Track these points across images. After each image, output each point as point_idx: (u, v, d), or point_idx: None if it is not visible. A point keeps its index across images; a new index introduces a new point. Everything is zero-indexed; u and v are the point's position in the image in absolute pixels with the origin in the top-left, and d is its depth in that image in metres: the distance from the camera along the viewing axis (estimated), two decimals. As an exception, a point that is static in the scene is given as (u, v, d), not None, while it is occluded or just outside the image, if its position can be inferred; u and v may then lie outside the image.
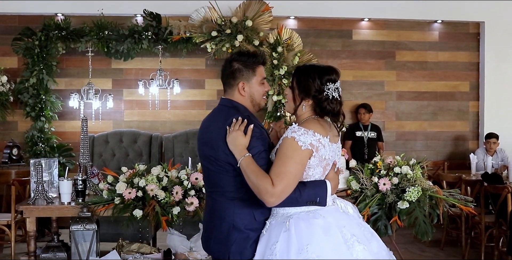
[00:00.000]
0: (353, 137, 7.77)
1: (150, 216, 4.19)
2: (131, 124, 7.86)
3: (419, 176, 4.49)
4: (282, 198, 2.39)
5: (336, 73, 2.58)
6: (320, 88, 2.52)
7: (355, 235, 2.39)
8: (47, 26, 7.24)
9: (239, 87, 2.70)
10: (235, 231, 2.56)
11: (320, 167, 2.48)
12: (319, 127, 2.49)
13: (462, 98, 8.51)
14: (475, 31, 8.47)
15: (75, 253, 4.14)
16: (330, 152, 2.50)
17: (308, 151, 2.42)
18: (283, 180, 2.37)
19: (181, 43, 7.32)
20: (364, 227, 2.54)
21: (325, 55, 8.17)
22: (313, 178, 2.50)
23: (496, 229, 5.71)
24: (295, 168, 2.40)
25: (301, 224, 2.42)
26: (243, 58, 2.71)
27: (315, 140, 2.44)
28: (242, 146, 2.48)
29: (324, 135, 2.47)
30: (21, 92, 7.30)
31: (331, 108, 2.52)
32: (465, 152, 8.32)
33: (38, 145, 7.25)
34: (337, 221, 2.44)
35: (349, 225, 2.44)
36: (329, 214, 2.46)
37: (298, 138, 2.42)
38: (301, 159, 2.42)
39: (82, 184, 4.41)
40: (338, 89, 2.56)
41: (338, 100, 2.55)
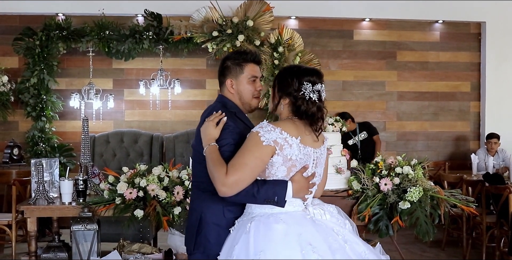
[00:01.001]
0: (346, 147, 7.59)
1: (151, 216, 4.19)
2: (132, 125, 7.86)
3: (420, 176, 4.48)
4: (234, 189, 2.38)
5: (318, 76, 2.55)
6: (297, 88, 2.50)
7: (310, 244, 2.32)
8: (48, 26, 7.25)
9: (227, 84, 2.75)
10: (202, 224, 2.60)
11: (284, 166, 2.45)
12: (290, 126, 2.47)
13: (463, 99, 8.50)
14: (476, 31, 8.47)
15: (76, 253, 4.13)
16: (300, 154, 2.46)
17: (270, 148, 2.40)
18: (238, 171, 2.37)
19: (182, 43, 7.32)
20: (337, 236, 2.45)
21: (326, 55, 8.17)
22: (275, 177, 2.46)
23: (497, 230, 5.70)
24: (253, 161, 2.38)
25: (261, 227, 2.40)
26: (234, 56, 2.77)
27: (280, 138, 2.41)
28: (211, 135, 2.54)
29: (294, 135, 2.44)
30: (22, 92, 7.30)
31: (305, 109, 2.48)
32: (466, 152, 8.32)
33: (39, 145, 7.25)
34: (296, 228, 2.39)
35: (307, 232, 2.38)
36: (291, 220, 2.43)
37: (262, 133, 2.41)
38: (260, 153, 2.39)
39: (83, 184, 4.41)
40: (318, 92, 2.51)
41: (316, 102, 2.50)
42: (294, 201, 2.51)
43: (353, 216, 4.46)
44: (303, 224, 2.42)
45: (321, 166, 2.62)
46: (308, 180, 2.51)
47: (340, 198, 4.52)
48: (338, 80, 8.26)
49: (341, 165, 4.62)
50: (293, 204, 2.50)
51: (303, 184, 2.49)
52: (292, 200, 2.49)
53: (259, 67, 2.80)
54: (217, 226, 2.56)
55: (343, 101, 8.24)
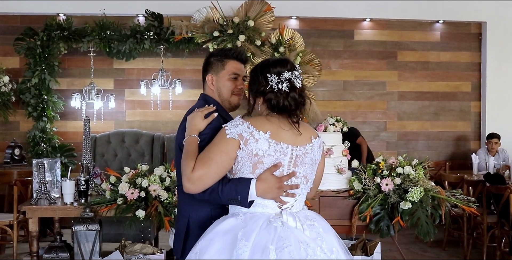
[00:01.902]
0: None
1: (153, 217, 4.19)
2: (133, 125, 7.86)
3: (421, 176, 4.49)
4: (198, 185, 2.28)
5: (281, 65, 2.38)
6: (264, 83, 2.37)
7: (243, 239, 2.19)
8: (49, 26, 7.25)
9: (208, 80, 2.68)
10: (190, 229, 2.51)
11: (249, 162, 2.30)
12: (261, 121, 2.35)
13: (463, 99, 8.51)
14: (477, 31, 8.47)
15: (77, 253, 4.14)
16: (268, 150, 2.30)
17: (234, 141, 2.29)
18: (203, 166, 2.27)
19: (183, 43, 7.32)
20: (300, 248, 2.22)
21: (327, 55, 8.18)
22: (241, 173, 2.33)
23: (498, 230, 5.70)
24: (218, 155, 2.28)
25: (217, 221, 2.36)
26: (217, 52, 2.71)
27: (246, 132, 2.30)
28: (196, 126, 2.45)
29: (263, 130, 2.31)
30: (23, 93, 7.30)
31: (276, 102, 2.35)
32: (466, 152, 8.32)
33: (40, 145, 7.25)
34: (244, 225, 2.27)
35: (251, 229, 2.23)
36: (249, 218, 2.29)
37: (228, 127, 2.32)
38: (226, 147, 2.29)
39: (85, 184, 4.42)
40: (289, 80, 2.36)
41: (287, 92, 2.35)
42: (266, 203, 2.34)
43: (354, 216, 4.47)
44: (255, 223, 2.26)
45: (308, 166, 2.41)
46: (280, 180, 2.32)
47: (341, 198, 4.53)
48: (339, 80, 8.27)
49: (342, 165, 4.62)
50: (264, 206, 2.35)
51: (271, 183, 2.30)
52: (263, 201, 2.34)
53: (243, 66, 2.71)
54: (201, 230, 2.41)
55: (344, 101, 8.24)
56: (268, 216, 2.31)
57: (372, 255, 4.43)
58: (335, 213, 4.55)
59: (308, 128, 2.48)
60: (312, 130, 2.50)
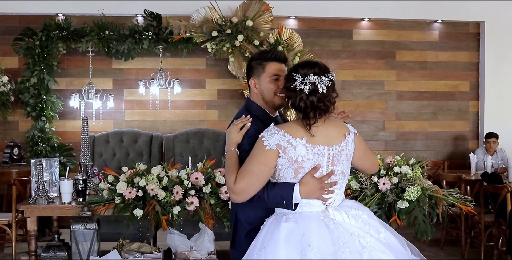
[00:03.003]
0: None
1: (151, 216, 4.20)
2: (132, 124, 7.87)
3: (418, 175, 4.50)
4: (243, 195, 2.41)
5: (310, 67, 2.47)
6: (291, 81, 2.45)
7: (310, 245, 2.28)
8: (48, 26, 7.26)
9: (251, 84, 2.76)
10: (238, 224, 2.68)
11: (291, 168, 2.41)
12: (295, 127, 2.44)
13: (462, 98, 8.52)
14: (475, 31, 8.48)
15: (75, 252, 4.16)
16: (307, 155, 2.41)
17: (273, 151, 2.39)
18: (244, 178, 2.39)
19: (182, 43, 7.33)
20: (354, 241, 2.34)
21: (325, 55, 8.19)
22: (284, 179, 2.44)
23: (495, 229, 5.72)
24: (257, 167, 2.39)
25: (272, 225, 2.43)
26: (256, 56, 2.78)
27: (283, 140, 2.39)
28: (233, 140, 2.56)
29: (298, 136, 2.40)
30: (22, 92, 7.32)
31: (293, 102, 2.45)
32: (465, 151, 8.33)
33: (39, 145, 7.26)
34: (301, 228, 2.36)
35: (311, 233, 2.33)
36: (301, 220, 2.41)
37: (266, 137, 2.41)
38: (264, 158, 2.39)
39: (83, 184, 4.43)
40: (312, 83, 2.42)
41: (306, 94, 2.41)
42: (312, 202, 2.46)
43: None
44: (311, 225, 2.38)
45: (344, 162, 2.51)
46: (321, 180, 2.43)
47: (339, 198, 4.55)
48: (337, 80, 8.11)
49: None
50: (310, 205, 2.46)
51: (313, 185, 2.41)
52: (309, 201, 2.45)
53: (283, 66, 2.76)
54: (249, 225, 2.60)
55: (343, 101, 8.24)
56: (316, 214, 2.44)
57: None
58: (333, 212, 4.58)
59: (340, 125, 2.55)
60: (344, 126, 2.56)
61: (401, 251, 2.45)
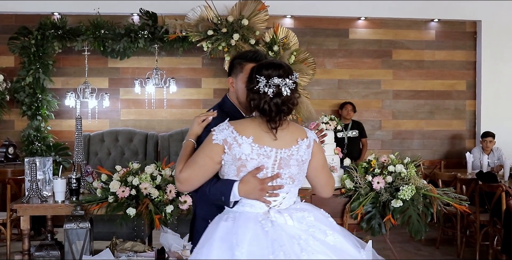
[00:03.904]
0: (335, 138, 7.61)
1: (144, 215, 4.20)
2: (128, 123, 7.86)
3: (413, 174, 4.50)
4: (186, 185, 2.44)
5: (274, 69, 2.41)
6: (254, 82, 2.42)
7: (238, 245, 2.24)
8: (44, 25, 7.25)
9: (229, 82, 2.78)
10: (196, 220, 2.73)
11: (234, 166, 2.40)
12: (246, 125, 2.43)
13: (458, 97, 8.51)
14: (472, 30, 8.47)
15: (68, 251, 4.15)
16: (252, 154, 2.37)
17: (219, 146, 2.38)
18: (189, 169, 2.41)
19: (177, 42, 7.32)
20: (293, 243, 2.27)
21: (322, 54, 8.18)
22: (227, 176, 2.44)
23: (491, 228, 5.71)
24: (202, 159, 2.40)
25: (213, 224, 2.43)
26: (238, 55, 2.79)
27: (230, 137, 2.38)
28: (193, 131, 2.61)
29: (245, 134, 2.38)
30: (17, 91, 7.30)
31: (256, 104, 2.41)
32: (462, 150, 8.32)
33: (34, 144, 7.25)
34: (235, 228, 2.34)
35: (243, 233, 2.29)
36: (239, 220, 2.38)
37: (216, 132, 2.41)
38: (210, 152, 2.39)
39: (76, 183, 4.43)
40: (276, 86, 2.38)
41: (270, 97, 2.38)
42: (254, 203, 2.43)
43: (345, 214, 4.48)
44: (246, 225, 2.34)
45: (294, 167, 2.45)
46: (263, 182, 2.39)
47: (333, 197, 4.52)
48: (334, 79, 8.27)
49: (334, 163, 4.64)
50: (252, 205, 2.44)
51: (253, 185, 2.38)
52: (251, 201, 2.43)
53: None
54: (205, 221, 2.58)
55: (339, 100, 8.24)
56: (256, 215, 2.40)
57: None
58: (326, 211, 4.48)
59: (296, 130, 2.51)
60: (301, 131, 2.52)
61: (351, 254, 2.39)
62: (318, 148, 2.55)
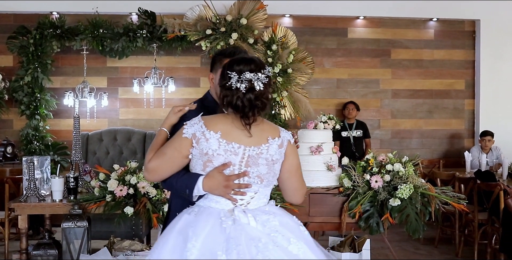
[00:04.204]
0: (339, 138, 7.69)
1: (141, 213, 4.21)
2: (126, 123, 7.86)
3: (411, 173, 4.50)
4: (153, 175, 2.43)
5: (246, 64, 2.37)
6: (227, 78, 2.38)
7: (193, 238, 2.23)
8: (42, 25, 7.25)
9: (209, 78, 2.78)
10: (169, 213, 2.71)
11: (200, 160, 2.36)
12: (216, 121, 2.39)
13: (457, 97, 8.51)
14: (470, 29, 8.47)
15: (66, 250, 4.15)
16: (218, 150, 2.33)
17: (188, 140, 2.35)
18: (157, 159, 2.39)
19: (176, 42, 7.33)
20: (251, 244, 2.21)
21: (320, 53, 8.18)
22: (195, 170, 2.41)
23: (489, 227, 5.70)
24: (171, 151, 2.38)
25: (178, 217, 2.42)
26: (218, 51, 2.83)
27: (199, 131, 2.35)
28: (168, 120, 2.57)
29: (213, 130, 2.34)
30: (16, 91, 7.30)
31: (229, 101, 2.36)
32: (460, 150, 8.32)
33: (33, 143, 7.25)
34: (195, 222, 2.32)
35: (200, 228, 2.26)
36: (201, 214, 2.35)
37: (187, 125, 2.38)
38: (179, 145, 2.37)
39: (74, 182, 4.43)
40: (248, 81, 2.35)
41: (242, 92, 2.34)
42: (220, 199, 2.38)
43: (343, 213, 4.48)
44: (206, 220, 2.31)
45: (262, 166, 2.39)
46: (228, 178, 2.34)
47: (331, 195, 4.54)
48: (333, 78, 8.27)
49: (332, 162, 4.64)
50: (218, 202, 2.39)
51: (217, 181, 2.34)
52: (217, 198, 2.38)
53: None
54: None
55: (338, 99, 8.24)
56: (219, 212, 2.35)
57: (361, 251, 4.43)
58: (324, 210, 4.57)
59: (268, 128, 2.46)
60: (274, 130, 2.47)
61: None
62: (292, 150, 2.49)
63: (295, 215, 2.56)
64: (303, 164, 4.55)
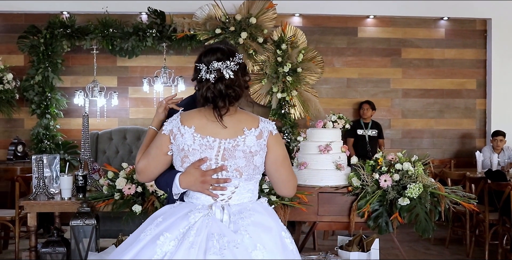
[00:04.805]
0: (355, 135, 7.72)
1: (149, 212, 4.20)
2: (136, 122, 7.88)
3: (420, 172, 4.46)
4: (142, 176, 2.41)
5: (212, 53, 2.32)
6: (197, 71, 2.36)
7: (159, 223, 2.25)
8: (52, 24, 7.29)
9: None
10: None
11: (178, 156, 2.33)
12: (191, 115, 2.34)
13: (468, 96, 8.44)
14: (482, 28, 8.41)
15: (74, 248, 4.16)
16: (193, 145, 2.29)
17: (166, 137, 2.33)
18: (144, 159, 2.37)
19: (185, 41, 7.35)
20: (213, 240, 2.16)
21: (330, 52, 8.15)
22: (175, 167, 2.38)
23: (500, 227, 5.66)
24: (153, 150, 2.36)
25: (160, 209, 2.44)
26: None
27: (176, 127, 2.31)
28: (156, 118, 2.54)
29: (187, 124, 2.30)
30: (26, 90, 7.35)
31: (201, 93, 2.32)
32: (472, 150, 8.25)
33: (43, 142, 7.29)
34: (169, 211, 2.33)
35: (168, 218, 2.27)
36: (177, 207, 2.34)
37: (167, 122, 2.36)
38: (159, 142, 2.35)
39: (83, 180, 4.44)
40: (217, 71, 2.29)
41: (212, 83, 2.28)
42: (199, 195, 2.35)
43: (352, 213, 4.46)
44: (178, 211, 2.30)
45: (240, 159, 2.31)
46: (204, 173, 2.29)
47: (340, 195, 4.52)
48: (343, 77, 8.24)
49: (341, 161, 4.61)
50: (197, 197, 2.36)
51: (194, 176, 2.29)
52: (196, 194, 2.35)
53: None
54: None
55: (348, 98, 8.21)
56: (194, 206, 2.32)
57: (369, 251, 4.40)
58: (333, 209, 4.55)
59: (245, 119, 2.37)
60: (252, 120, 2.37)
61: None
62: (275, 140, 2.38)
63: (303, 214, 2.51)
64: (312, 162, 4.57)
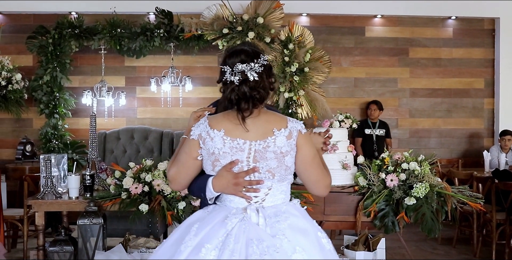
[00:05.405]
0: (363, 134, 7.73)
1: (156, 211, 4.23)
2: (144, 122, 7.91)
3: (427, 172, 4.46)
4: (174, 183, 2.41)
5: (236, 55, 2.31)
6: (222, 73, 2.34)
7: (191, 233, 2.22)
8: (61, 25, 7.33)
9: None
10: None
11: (209, 160, 2.31)
12: (219, 119, 2.33)
13: (476, 95, 8.41)
14: (490, 27, 8.37)
15: (82, 247, 4.19)
16: (224, 148, 2.28)
17: (195, 142, 2.32)
18: (174, 167, 2.38)
19: (193, 41, 7.37)
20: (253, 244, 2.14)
21: (338, 52, 8.15)
22: (206, 171, 2.36)
23: (507, 227, 5.64)
24: (183, 156, 2.36)
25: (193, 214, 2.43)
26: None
27: (204, 131, 2.30)
28: (189, 127, 2.46)
29: (216, 128, 2.28)
30: (35, 90, 7.39)
31: (225, 95, 2.31)
32: (480, 149, 8.21)
33: (51, 142, 7.34)
34: (206, 217, 2.30)
35: (204, 224, 2.25)
36: (213, 211, 2.33)
37: (194, 127, 2.35)
38: (188, 148, 2.34)
39: (90, 179, 4.47)
40: (241, 73, 2.28)
41: (237, 85, 2.28)
42: (234, 198, 2.33)
43: (358, 212, 4.46)
44: (214, 216, 2.28)
45: (272, 160, 2.29)
46: (237, 176, 2.27)
47: (346, 194, 4.53)
48: (350, 77, 8.23)
49: (347, 161, 4.62)
50: (231, 200, 2.34)
51: (226, 179, 2.28)
52: (230, 196, 2.33)
53: None
54: None
55: (355, 98, 8.21)
56: (229, 210, 2.30)
57: (375, 250, 4.40)
58: (340, 208, 4.56)
59: (274, 119, 2.36)
60: (280, 120, 2.35)
61: None
62: (304, 140, 2.36)
63: (310, 214, 2.49)
64: (318, 162, 4.57)
